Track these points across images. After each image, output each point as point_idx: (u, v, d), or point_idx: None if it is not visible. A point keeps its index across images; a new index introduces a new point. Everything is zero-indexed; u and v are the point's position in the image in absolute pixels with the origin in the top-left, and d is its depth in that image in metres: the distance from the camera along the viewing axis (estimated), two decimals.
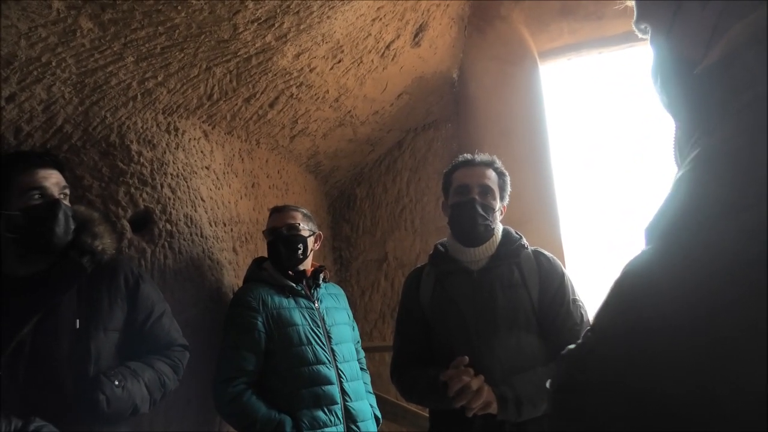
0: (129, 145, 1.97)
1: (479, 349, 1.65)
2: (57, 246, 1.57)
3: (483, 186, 1.77)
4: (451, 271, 1.80)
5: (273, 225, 2.19)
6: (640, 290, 0.51)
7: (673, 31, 0.67)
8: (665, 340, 0.46)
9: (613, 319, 0.53)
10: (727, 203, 0.48)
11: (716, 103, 0.55)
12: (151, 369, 1.61)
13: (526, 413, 1.55)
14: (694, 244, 0.48)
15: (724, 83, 0.55)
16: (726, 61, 0.55)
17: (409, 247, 3.47)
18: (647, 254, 0.52)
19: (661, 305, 0.48)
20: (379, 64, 2.68)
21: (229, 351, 1.98)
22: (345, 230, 3.68)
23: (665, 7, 0.68)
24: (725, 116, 0.53)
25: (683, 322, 0.46)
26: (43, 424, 1.34)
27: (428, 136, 3.57)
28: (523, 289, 1.70)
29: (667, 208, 0.53)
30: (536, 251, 1.80)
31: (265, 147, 2.75)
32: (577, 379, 0.54)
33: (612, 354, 0.50)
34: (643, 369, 0.47)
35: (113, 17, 1.56)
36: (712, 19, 0.62)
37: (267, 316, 2.03)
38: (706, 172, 0.52)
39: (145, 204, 1.98)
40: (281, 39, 2.02)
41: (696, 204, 0.51)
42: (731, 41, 0.57)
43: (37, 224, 1.54)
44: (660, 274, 0.50)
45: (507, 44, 3.24)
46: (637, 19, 0.74)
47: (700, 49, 0.62)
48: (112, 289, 1.64)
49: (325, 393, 1.98)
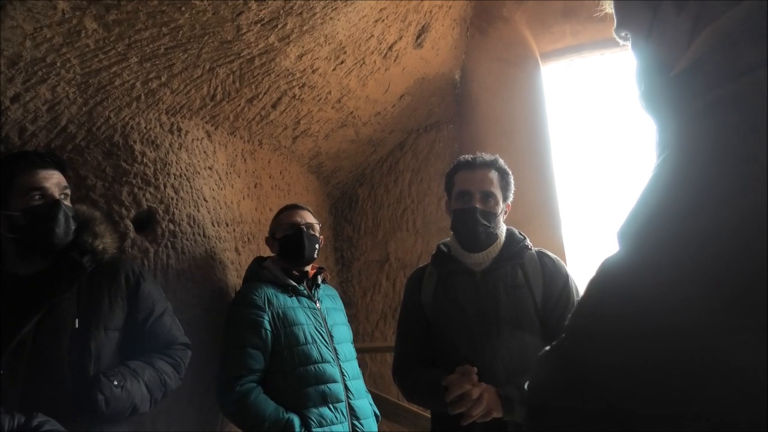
0: (132, 145, 1.98)
1: (482, 350, 1.64)
2: (57, 246, 1.58)
3: (484, 192, 1.75)
4: (454, 271, 1.79)
5: (292, 221, 2.18)
6: (610, 293, 0.52)
7: (652, 37, 0.68)
8: (635, 346, 0.47)
9: (583, 323, 0.54)
10: (687, 207, 0.49)
11: (682, 108, 0.56)
12: (151, 368, 1.62)
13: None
14: (659, 247, 0.49)
15: (691, 88, 0.55)
16: (693, 67, 0.56)
17: (411, 248, 3.48)
18: (617, 256, 0.53)
19: (630, 308, 0.49)
20: (381, 65, 2.68)
21: (234, 349, 1.98)
22: (347, 231, 3.68)
23: (643, 14, 0.68)
24: (686, 121, 0.54)
25: (649, 327, 0.46)
26: (45, 419, 1.34)
27: (430, 137, 3.58)
28: (526, 290, 1.70)
29: (636, 212, 0.54)
30: (540, 252, 1.79)
31: (267, 147, 2.75)
32: (548, 383, 0.55)
33: (582, 358, 0.51)
34: (612, 376, 0.48)
35: (117, 18, 1.57)
36: (689, 24, 0.62)
37: (273, 314, 2.03)
38: (670, 176, 0.53)
39: (148, 204, 1.99)
40: (284, 40, 2.03)
41: (662, 207, 0.51)
42: (699, 47, 0.58)
43: (37, 225, 1.54)
44: (629, 276, 0.51)
45: (509, 45, 3.24)
46: (617, 27, 0.75)
47: (677, 54, 0.63)
48: (112, 288, 1.65)
49: (330, 391, 1.99)
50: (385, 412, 2.78)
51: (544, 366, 0.57)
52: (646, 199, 0.54)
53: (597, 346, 0.50)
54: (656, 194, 0.53)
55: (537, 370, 0.58)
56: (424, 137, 3.59)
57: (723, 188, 0.46)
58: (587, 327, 0.53)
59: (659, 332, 0.46)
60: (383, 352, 3.31)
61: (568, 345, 0.54)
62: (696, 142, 0.52)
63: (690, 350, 0.44)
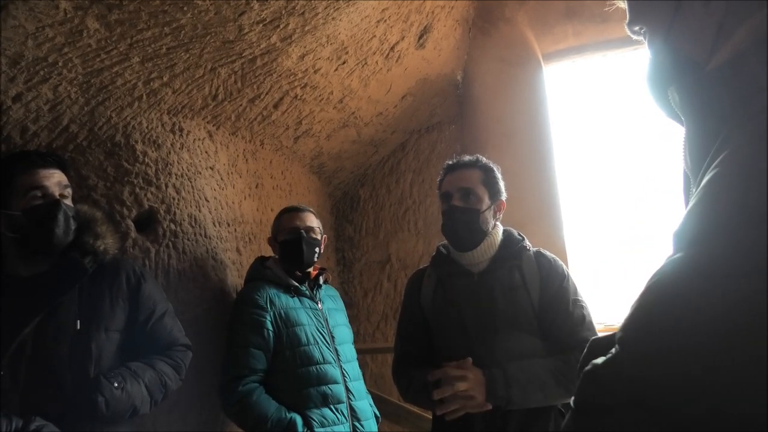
0: (134, 145, 1.98)
1: (479, 351, 1.64)
2: (57, 246, 1.57)
3: (462, 189, 1.74)
4: (452, 273, 1.79)
5: (293, 225, 2.17)
6: (672, 304, 0.47)
7: (673, 31, 0.66)
8: (703, 361, 0.43)
9: (641, 336, 0.49)
10: (760, 212, 0.44)
11: (730, 107, 0.53)
12: (152, 369, 1.61)
13: (516, 398, 1.52)
14: (730, 254, 0.45)
15: (735, 87, 0.53)
16: (734, 64, 0.54)
17: (412, 249, 3.47)
18: (677, 263, 0.49)
19: (698, 321, 0.44)
20: (383, 66, 2.68)
21: (237, 349, 1.98)
22: (348, 231, 3.68)
23: (664, 7, 0.66)
24: (744, 119, 0.51)
25: (722, 340, 0.42)
26: (43, 423, 1.34)
27: (432, 137, 3.58)
28: (523, 291, 1.68)
29: (697, 212, 0.50)
30: (538, 252, 1.78)
31: (269, 148, 2.75)
32: (603, 397, 0.50)
33: (642, 374, 0.47)
34: (678, 391, 0.43)
35: (119, 18, 1.57)
36: (717, 18, 0.60)
37: (275, 314, 2.03)
38: (738, 176, 0.49)
39: (149, 204, 1.99)
40: (286, 40, 2.03)
41: (727, 210, 0.47)
42: (737, 44, 0.56)
43: (37, 224, 1.53)
44: (694, 285, 0.46)
45: (511, 46, 3.24)
46: (631, 21, 0.73)
47: (705, 49, 0.61)
48: (113, 289, 1.64)
49: (332, 392, 1.99)
50: (386, 412, 2.77)
51: (595, 385, 0.52)
52: (711, 199, 0.50)
53: (666, 363, 0.45)
54: (724, 195, 0.49)
55: (586, 388, 0.53)
56: (426, 138, 3.59)
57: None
58: (651, 342, 0.47)
59: (735, 343, 0.41)
60: (384, 353, 3.30)
61: (624, 363, 0.49)
62: (762, 140, 0.48)
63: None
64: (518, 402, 1.53)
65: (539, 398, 1.54)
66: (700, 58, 0.62)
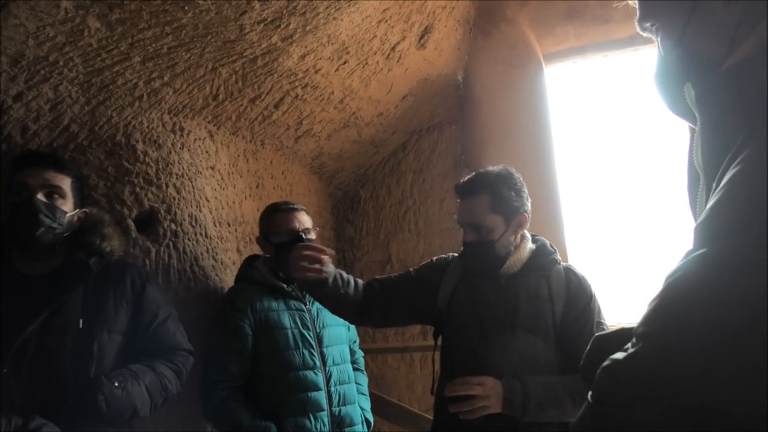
0: (135, 145, 1.98)
1: (493, 354, 1.64)
2: (31, 243, 1.54)
3: (472, 225, 1.70)
4: (479, 273, 1.75)
5: (290, 226, 2.06)
6: (698, 299, 0.46)
7: (690, 29, 0.65)
8: (727, 354, 0.42)
9: (664, 329, 0.48)
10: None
11: (751, 105, 0.52)
12: (153, 372, 1.61)
13: (531, 411, 1.53)
14: (756, 249, 0.44)
15: (756, 84, 0.52)
16: (754, 63, 0.54)
17: (413, 249, 3.47)
18: (702, 258, 0.48)
19: (722, 315, 0.43)
20: (384, 66, 2.68)
21: (216, 354, 1.94)
22: (348, 231, 3.68)
23: (680, 6, 0.66)
24: (762, 120, 0.50)
25: (747, 334, 0.41)
26: (43, 422, 1.34)
27: (432, 138, 3.57)
28: (547, 303, 1.67)
29: (721, 208, 0.49)
30: (567, 268, 1.76)
31: (269, 148, 2.75)
32: (624, 392, 0.50)
33: (665, 367, 0.46)
34: (701, 384, 0.43)
35: (120, 17, 1.57)
36: (736, 17, 0.60)
37: (254, 319, 1.98)
38: (759, 175, 0.48)
39: (150, 203, 1.99)
40: (287, 40, 2.03)
41: (752, 206, 0.46)
42: (756, 43, 0.56)
43: (15, 222, 1.53)
44: (720, 280, 0.46)
45: (512, 47, 3.24)
46: (643, 18, 0.72)
47: (722, 47, 0.61)
48: (118, 291, 1.64)
49: (310, 399, 1.94)
50: (386, 413, 2.77)
51: (617, 378, 0.51)
52: (735, 195, 0.49)
53: (689, 356, 0.44)
54: (748, 191, 0.48)
55: (606, 381, 0.53)
56: (427, 138, 3.59)
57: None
58: (674, 336, 0.46)
59: (763, 338, 0.41)
60: (384, 353, 3.30)
61: (646, 356, 0.48)
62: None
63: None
64: (533, 415, 1.54)
65: (553, 414, 1.55)
66: (716, 57, 0.62)
